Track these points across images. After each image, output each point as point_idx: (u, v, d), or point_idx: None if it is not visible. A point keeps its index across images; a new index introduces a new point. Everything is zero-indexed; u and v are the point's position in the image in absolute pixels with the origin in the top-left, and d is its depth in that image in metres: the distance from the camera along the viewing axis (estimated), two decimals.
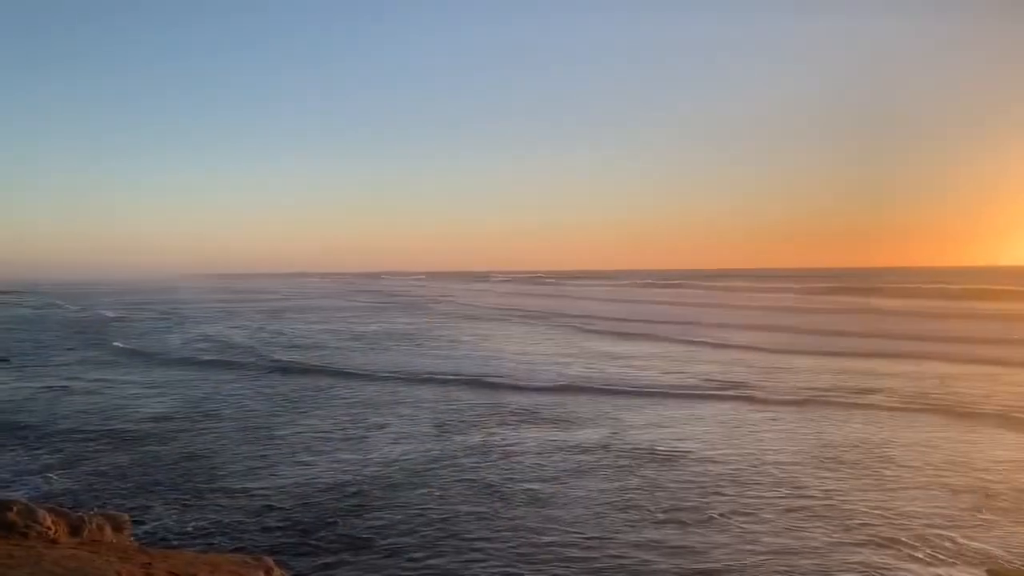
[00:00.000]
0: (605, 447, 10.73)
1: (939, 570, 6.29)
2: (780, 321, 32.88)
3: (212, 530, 7.45)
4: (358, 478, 9.27)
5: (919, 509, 7.81)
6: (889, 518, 7.56)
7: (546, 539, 7.12)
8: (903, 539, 6.99)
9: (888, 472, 9.24)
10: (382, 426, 12.33)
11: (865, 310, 39.39)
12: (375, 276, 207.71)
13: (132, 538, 6.29)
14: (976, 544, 6.82)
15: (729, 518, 7.64)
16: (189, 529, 7.49)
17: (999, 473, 9.09)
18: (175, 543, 7.00)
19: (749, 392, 14.95)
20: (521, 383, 16.55)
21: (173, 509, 8.10)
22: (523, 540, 7.10)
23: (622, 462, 9.89)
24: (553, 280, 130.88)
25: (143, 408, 14.08)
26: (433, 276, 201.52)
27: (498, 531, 7.35)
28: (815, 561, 6.52)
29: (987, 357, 19.48)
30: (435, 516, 7.82)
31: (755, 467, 9.54)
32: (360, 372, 18.57)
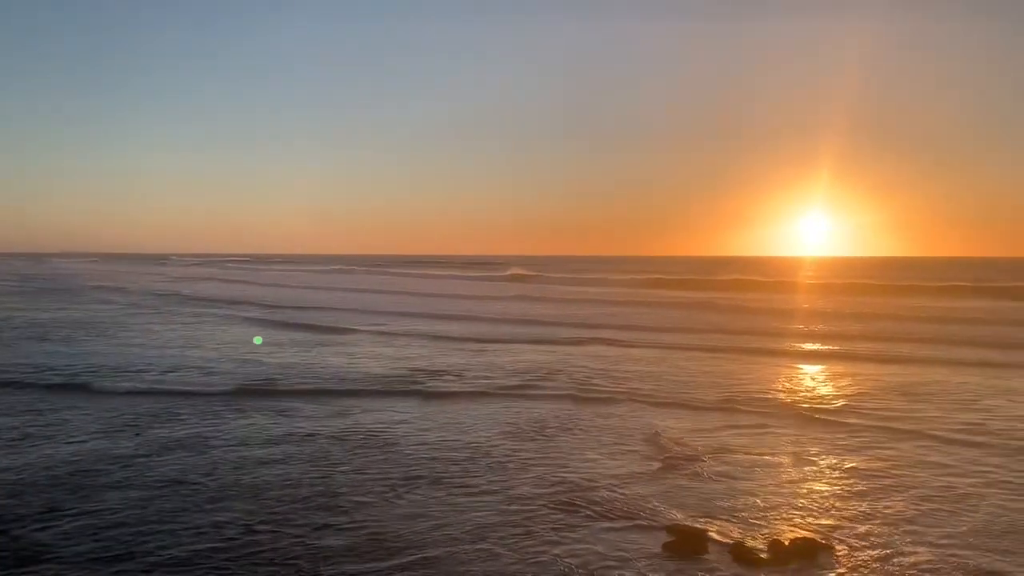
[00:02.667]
0: (309, 435, 10.39)
1: (619, 530, 6.98)
2: (472, 309, 34.39)
3: None
4: (20, 484, 7.97)
5: (600, 476, 8.63)
6: (572, 483, 8.27)
7: (227, 532, 6.72)
8: (581, 502, 7.70)
9: (570, 445, 10.13)
10: (46, 426, 10.74)
11: (556, 298, 42.58)
12: (41, 257, 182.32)
13: None
14: (651, 504, 7.68)
15: (421, 493, 7.86)
16: None
17: (668, 442, 10.34)
18: None
19: (453, 381, 15.45)
20: (217, 377, 15.46)
21: None
22: (202, 535, 6.64)
23: (320, 449, 9.68)
24: (243, 264, 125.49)
25: None
26: (108, 258, 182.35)
27: (178, 530, 6.75)
28: (498, 522, 6.95)
29: (659, 342, 22.06)
30: (112, 519, 6.95)
31: (454, 448, 9.90)
32: (21, 372, 16.09)
